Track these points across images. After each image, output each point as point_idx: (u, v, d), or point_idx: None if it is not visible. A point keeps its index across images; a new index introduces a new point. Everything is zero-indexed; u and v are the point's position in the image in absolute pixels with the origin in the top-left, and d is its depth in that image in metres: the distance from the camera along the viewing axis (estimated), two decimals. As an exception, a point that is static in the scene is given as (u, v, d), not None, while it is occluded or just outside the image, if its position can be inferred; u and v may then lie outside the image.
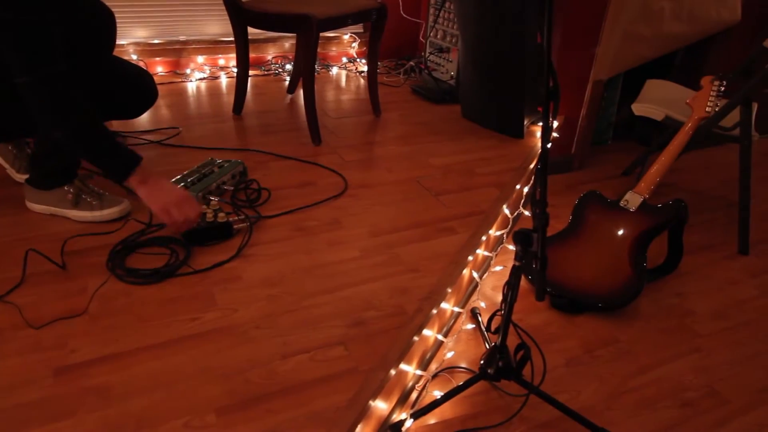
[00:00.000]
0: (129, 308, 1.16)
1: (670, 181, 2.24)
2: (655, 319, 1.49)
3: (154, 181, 1.27)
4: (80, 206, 1.43)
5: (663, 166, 1.66)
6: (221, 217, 1.39)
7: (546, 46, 0.94)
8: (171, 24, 2.64)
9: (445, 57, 2.59)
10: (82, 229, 1.40)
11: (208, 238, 1.38)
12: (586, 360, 1.34)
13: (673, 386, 1.28)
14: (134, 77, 1.47)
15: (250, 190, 1.61)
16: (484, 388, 1.23)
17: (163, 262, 1.30)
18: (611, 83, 2.33)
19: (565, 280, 1.52)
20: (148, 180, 1.26)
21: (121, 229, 1.42)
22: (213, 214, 1.40)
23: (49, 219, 1.44)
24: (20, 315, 1.12)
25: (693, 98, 1.74)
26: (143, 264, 1.29)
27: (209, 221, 1.38)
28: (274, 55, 2.87)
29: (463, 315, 1.43)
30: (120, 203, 1.46)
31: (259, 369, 1.03)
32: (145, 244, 1.35)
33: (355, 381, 1.02)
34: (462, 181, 1.79)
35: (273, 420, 0.94)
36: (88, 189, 1.45)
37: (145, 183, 1.25)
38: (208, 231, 1.38)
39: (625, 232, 1.58)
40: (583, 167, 2.32)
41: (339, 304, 1.22)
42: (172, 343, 1.08)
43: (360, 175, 1.77)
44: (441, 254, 1.41)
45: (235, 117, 2.18)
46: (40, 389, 0.96)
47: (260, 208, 1.55)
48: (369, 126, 2.19)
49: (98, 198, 1.45)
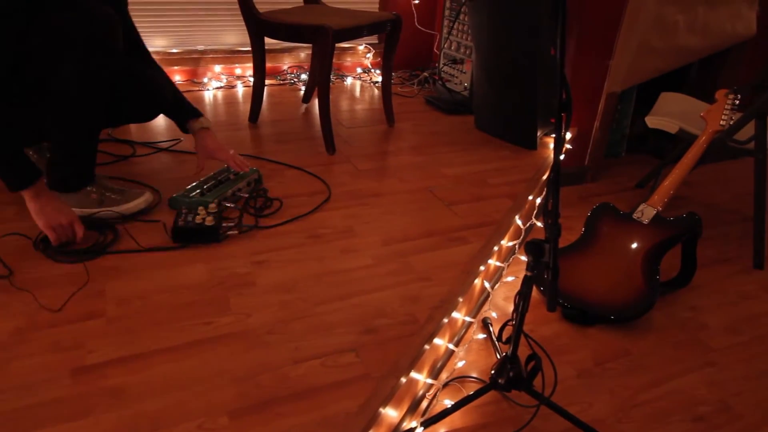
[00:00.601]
0: (145, 311, 1.18)
1: (685, 195, 2.23)
2: (668, 332, 1.49)
3: (46, 198, 1.31)
4: (105, 204, 1.47)
5: (677, 178, 1.66)
6: (209, 221, 1.41)
7: (559, 58, 0.95)
8: (189, 34, 2.69)
9: (458, 68, 2.60)
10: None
11: (193, 239, 1.41)
12: (598, 372, 1.33)
13: (686, 400, 1.28)
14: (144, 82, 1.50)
15: (261, 199, 1.63)
16: (494, 398, 1.23)
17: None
18: (625, 96, 2.33)
19: (577, 292, 1.52)
20: (41, 196, 1.30)
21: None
22: (203, 217, 1.42)
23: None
24: (39, 316, 1.14)
25: (707, 111, 1.74)
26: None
27: (198, 223, 1.41)
28: (290, 65, 2.91)
29: (475, 325, 1.44)
30: (142, 194, 1.51)
31: (271, 373, 1.05)
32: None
33: (366, 387, 1.03)
34: (474, 191, 1.80)
35: (284, 424, 0.95)
36: (109, 187, 1.49)
37: (37, 198, 1.30)
38: (194, 231, 1.40)
39: (638, 244, 1.58)
40: (596, 179, 2.32)
41: (351, 311, 1.23)
42: (187, 347, 1.09)
43: (373, 184, 1.79)
44: (453, 263, 1.42)
45: (251, 125, 2.21)
46: (58, 389, 0.98)
47: (271, 216, 1.57)
48: (382, 135, 2.21)
49: (121, 194, 1.49)
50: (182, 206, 1.50)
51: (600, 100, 2.13)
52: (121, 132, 2.04)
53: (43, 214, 1.30)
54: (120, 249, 1.38)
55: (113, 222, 1.45)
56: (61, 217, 1.32)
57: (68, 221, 1.33)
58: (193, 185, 1.57)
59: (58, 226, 1.32)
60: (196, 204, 1.49)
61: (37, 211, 1.30)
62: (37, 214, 1.31)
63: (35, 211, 1.31)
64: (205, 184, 1.58)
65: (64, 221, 1.32)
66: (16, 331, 1.10)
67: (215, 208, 1.46)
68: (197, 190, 1.54)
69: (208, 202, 1.49)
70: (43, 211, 1.30)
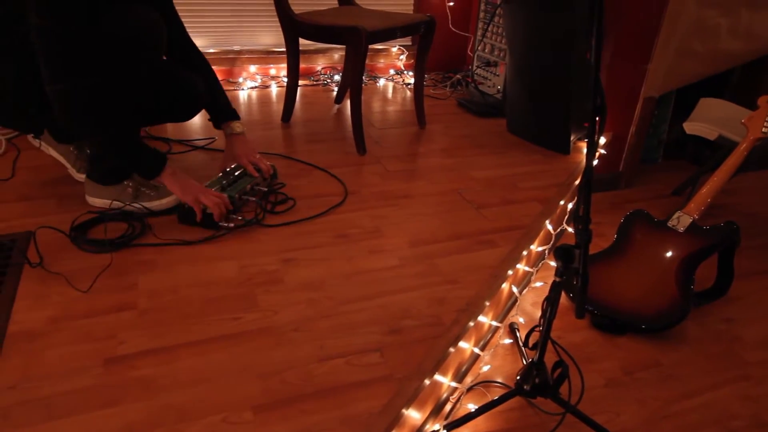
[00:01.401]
0: (175, 305, 1.21)
1: (724, 203, 2.16)
2: (701, 343, 1.45)
3: (181, 176, 1.43)
4: (140, 198, 1.52)
5: (715, 186, 1.61)
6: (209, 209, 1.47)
7: (594, 61, 0.93)
8: (226, 34, 2.74)
9: (492, 71, 2.59)
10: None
11: (192, 221, 1.47)
12: (626, 382, 1.31)
13: (718, 414, 1.24)
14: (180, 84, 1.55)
15: (277, 195, 1.67)
16: (519, 405, 1.22)
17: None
18: (663, 100, 2.28)
19: (607, 300, 1.49)
20: (176, 175, 1.42)
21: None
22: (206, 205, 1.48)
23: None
24: (73, 306, 1.18)
25: (749, 118, 1.69)
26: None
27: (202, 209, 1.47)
28: (324, 66, 2.94)
29: (501, 329, 1.42)
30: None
31: (296, 370, 1.06)
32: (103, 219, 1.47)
33: (389, 388, 1.03)
34: (504, 194, 1.78)
35: (307, 421, 0.95)
36: (144, 182, 1.54)
37: (175, 176, 1.42)
38: (194, 216, 1.46)
39: (673, 253, 1.54)
40: (630, 185, 2.27)
41: (377, 311, 1.23)
42: (214, 341, 1.11)
43: (402, 186, 1.79)
44: (480, 267, 1.41)
45: (284, 125, 2.24)
46: (91, 377, 1.01)
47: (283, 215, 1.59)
48: (413, 137, 2.21)
49: (155, 189, 1.54)
50: None
51: (637, 104, 2.09)
52: (157, 129, 2.09)
53: (188, 188, 1.42)
54: (150, 242, 1.41)
55: (143, 215, 1.49)
56: (199, 188, 1.44)
57: (204, 189, 1.44)
58: (213, 180, 1.61)
59: (202, 196, 1.42)
60: None
61: (183, 188, 1.42)
62: (183, 191, 1.42)
63: (181, 188, 1.42)
64: (224, 179, 1.62)
65: (204, 189, 1.44)
66: (51, 320, 1.14)
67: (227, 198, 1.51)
68: (217, 186, 1.58)
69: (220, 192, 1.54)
70: (187, 185, 1.42)
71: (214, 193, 1.46)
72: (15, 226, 1.44)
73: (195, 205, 1.42)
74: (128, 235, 1.42)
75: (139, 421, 0.93)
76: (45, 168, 1.31)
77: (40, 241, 1.38)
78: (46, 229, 1.42)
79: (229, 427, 0.93)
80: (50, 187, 1.62)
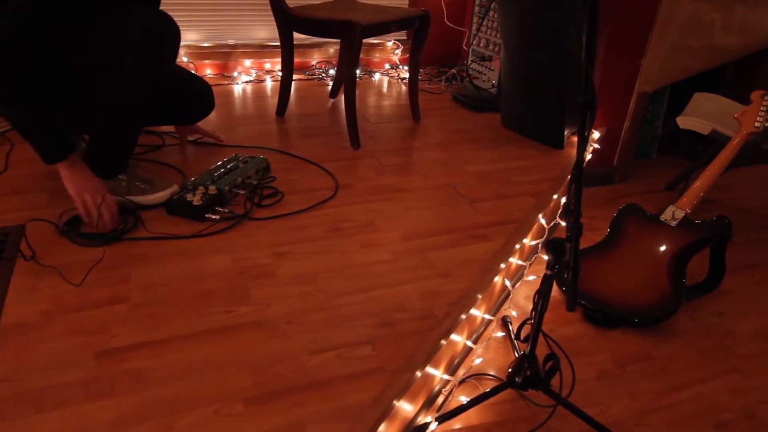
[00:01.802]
0: (168, 298, 1.21)
1: (717, 198, 2.17)
2: (693, 337, 1.46)
3: (78, 169, 1.38)
4: (134, 192, 1.52)
5: (707, 181, 1.62)
6: (196, 201, 1.48)
7: (585, 55, 0.94)
8: (221, 28, 2.73)
9: (487, 65, 2.59)
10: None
11: (179, 213, 1.49)
12: (618, 374, 1.31)
13: (709, 406, 1.25)
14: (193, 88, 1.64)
15: (266, 189, 1.67)
16: (511, 397, 1.22)
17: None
18: (657, 95, 2.28)
19: (600, 293, 1.49)
20: (73, 168, 1.37)
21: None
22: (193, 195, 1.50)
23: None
24: (66, 300, 1.18)
25: (742, 113, 1.70)
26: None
27: (188, 200, 1.49)
28: (319, 60, 2.93)
29: (494, 323, 1.43)
30: (169, 186, 1.56)
31: (288, 363, 1.06)
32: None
33: (381, 380, 1.03)
34: (498, 189, 1.79)
35: (299, 413, 0.96)
36: (138, 176, 1.54)
37: (70, 168, 1.36)
38: (180, 206, 1.49)
39: (665, 247, 1.54)
40: (624, 180, 2.28)
41: (369, 304, 1.24)
42: (207, 334, 1.12)
43: (396, 180, 1.79)
44: (473, 260, 1.41)
45: (278, 119, 2.24)
46: (83, 370, 1.01)
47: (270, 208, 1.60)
48: (408, 132, 2.21)
49: (149, 183, 1.54)
50: (188, 183, 1.57)
51: (631, 99, 2.09)
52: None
53: (73, 181, 1.37)
54: (142, 236, 1.41)
55: (135, 209, 1.49)
56: (91, 186, 1.39)
57: (100, 193, 1.39)
58: (203, 174, 1.62)
59: (88, 194, 1.38)
60: (199, 184, 1.55)
61: (68, 179, 1.37)
62: (68, 182, 1.37)
63: (66, 178, 1.37)
64: (215, 171, 1.63)
65: (97, 192, 1.39)
66: (44, 313, 1.14)
67: (214, 191, 1.52)
68: (208, 178, 1.59)
69: (207, 184, 1.55)
70: (74, 178, 1.37)
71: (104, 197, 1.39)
72: (7, 219, 1.44)
73: (77, 198, 1.38)
74: (121, 229, 1.42)
75: (131, 413, 0.94)
76: (39, 161, 1.31)
77: (33, 235, 1.37)
78: (39, 223, 1.42)
79: (220, 419, 0.94)
80: (43, 180, 1.62)
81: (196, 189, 1.53)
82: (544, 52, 1.99)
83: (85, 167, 1.40)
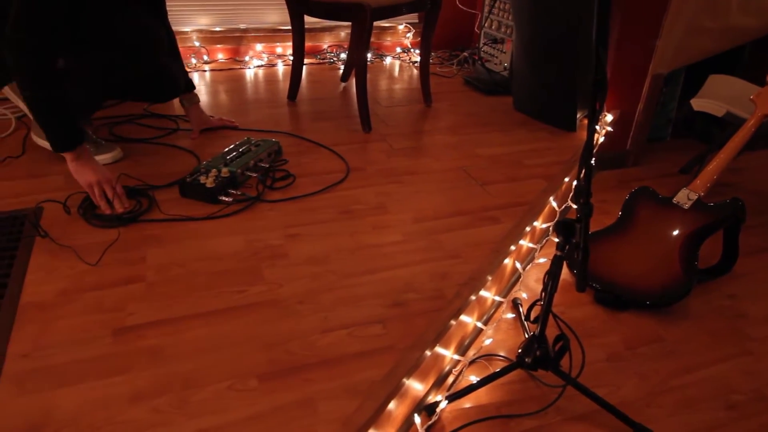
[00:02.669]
0: (182, 278, 1.23)
1: (731, 181, 2.15)
2: (704, 319, 1.45)
3: (85, 160, 1.45)
4: None
5: (721, 163, 1.61)
6: (209, 183, 1.50)
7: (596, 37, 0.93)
8: (232, 12, 2.73)
9: (499, 48, 2.56)
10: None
11: (192, 195, 1.52)
12: (628, 356, 1.32)
13: (719, 388, 1.25)
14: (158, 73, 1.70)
15: (278, 172, 1.69)
16: (520, 377, 1.23)
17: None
18: (672, 78, 2.25)
19: (611, 276, 1.49)
20: (81, 158, 1.44)
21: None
22: (207, 177, 1.52)
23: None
24: (83, 279, 1.21)
25: (758, 94, 1.67)
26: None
27: (201, 182, 1.50)
28: (330, 44, 2.92)
29: (504, 304, 1.44)
30: (113, 150, 1.68)
31: (300, 341, 1.08)
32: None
33: (391, 358, 1.04)
34: (509, 171, 1.78)
35: (311, 389, 0.98)
36: (86, 137, 1.60)
37: (77, 159, 1.44)
38: (193, 188, 1.51)
39: (678, 229, 1.54)
40: (638, 164, 2.26)
41: (379, 284, 1.25)
42: (220, 313, 1.14)
43: (407, 163, 1.80)
44: (483, 242, 1.42)
45: (290, 103, 2.24)
46: (100, 347, 1.04)
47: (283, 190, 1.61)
48: (419, 115, 2.21)
49: (94, 145, 1.65)
50: (201, 166, 1.59)
51: (644, 81, 2.07)
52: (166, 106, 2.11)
53: (82, 173, 1.44)
54: (157, 218, 1.43)
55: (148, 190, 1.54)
56: (99, 175, 1.44)
57: (106, 179, 1.45)
58: (216, 157, 1.64)
59: (96, 184, 1.43)
60: (212, 167, 1.57)
61: (76, 170, 1.45)
62: (76, 173, 1.45)
63: (74, 171, 1.45)
64: (228, 155, 1.65)
65: (103, 178, 1.44)
66: (62, 292, 1.17)
67: (227, 173, 1.54)
68: (221, 161, 1.61)
69: (220, 167, 1.57)
70: (82, 170, 1.44)
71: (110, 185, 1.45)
72: (26, 201, 1.46)
73: (88, 189, 1.44)
74: (136, 210, 1.44)
75: (147, 388, 0.96)
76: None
77: (50, 217, 1.40)
78: (56, 205, 1.44)
79: (234, 393, 0.96)
80: (59, 164, 1.64)
81: (209, 172, 1.54)
82: (557, 34, 1.97)
83: (92, 157, 1.48)
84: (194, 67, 2.60)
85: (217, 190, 1.50)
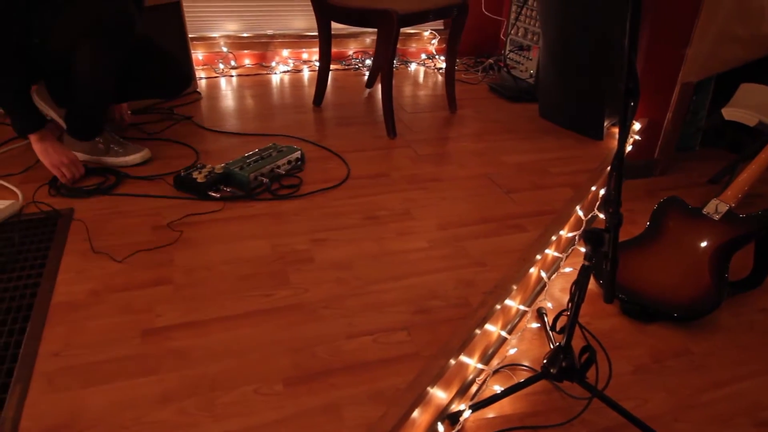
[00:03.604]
0: (209, 281, 1.24)
1: (763, 192, 2.10)
2: (735, 333, 1.42)
3: (49, 142, 1.54)
4: (110, 154, 1.70)
5: (753, 174, 1.57)
6: (200, 179, 1.57)
7: (628, 44, 0.92)
8: (259, 18, 2.76)
9: (525, 55, 2.55)
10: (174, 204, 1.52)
11: (184, 188, 1.59)
12: (656, 369, 1.30)
13: (750, 404, 1.22)
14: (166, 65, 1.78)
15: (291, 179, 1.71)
16: (545, 388, 1.22)
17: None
18: (702, 86, 2.22)
19: (638, 287, 1.47)
20: (45, 140, 1.53)
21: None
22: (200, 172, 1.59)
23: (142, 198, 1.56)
24: (113, 280, 1.23)
25: (792, 104, 1.64)
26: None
27: (193, 177, 1.58)
28: (356, 50, 2.94)
29: (529, 313, 1.43)
30: (141, 150, 1.73)
31: (325, 346, 1.08)
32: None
33: (415, 365, 1.04)
34: (535, 179, 1.77)
35: (335, 394, 0.98)
36: (114, 139, 1.72)
37: (42, 141, 1.53)
38: (185, 182, 1.58)
39: (707, 241, 1.51)
40: (666, 173, 2.23)
41: (404, 291, 1.25)
42: (247, 316, 1.15)
43: (432, 169, 1.79)
44: (509, 250, 1.41)
45: (315, 108, 2.26)
46: (129, 347, 1.06)
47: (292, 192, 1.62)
48: (444, 122, 2.21)
49: (123, 146, 1.72)
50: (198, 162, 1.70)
51: (674, 90, 2.04)
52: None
53: (47, 154, 1.54)
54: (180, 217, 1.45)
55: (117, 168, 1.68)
56: (63, 157, 1.56)
57: (69, 159, 1.57)
58: (237, 159, 1.68)
59: (60, 164, 1.55)
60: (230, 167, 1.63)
61: (41, 152, 1.54)
62: (42, 154, 1.54)
63: (40, 152, 1.54)
64: (249, 159, 1.68)
65: (66, 160, 1.56)
66: (92, 292, 1.19)
67: (220, 170, 1.61)
68: (240, 164, 1.64)
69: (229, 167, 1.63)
70: (47, 151, 1.54)
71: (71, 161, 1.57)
72: (58, 203, 1.50)
73: (53, 169, 1.55)
74: (103, 185, 1.59)
75: (175, 389, 0.97)
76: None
77: (81, 218, 1.43)
78: (88, 206, 1.48)
79: (260, 397, 0.97)
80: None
81: (204, 167, 1.62)
82: (584, 41, 1.95)
83: (54, 139, 1.57)
84: (221, 72, 2.64)
85: (206, 186, 1.55)
